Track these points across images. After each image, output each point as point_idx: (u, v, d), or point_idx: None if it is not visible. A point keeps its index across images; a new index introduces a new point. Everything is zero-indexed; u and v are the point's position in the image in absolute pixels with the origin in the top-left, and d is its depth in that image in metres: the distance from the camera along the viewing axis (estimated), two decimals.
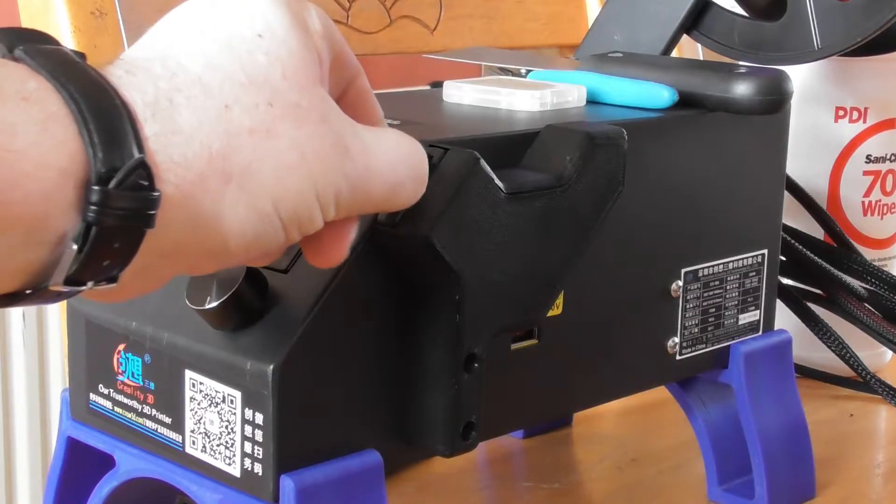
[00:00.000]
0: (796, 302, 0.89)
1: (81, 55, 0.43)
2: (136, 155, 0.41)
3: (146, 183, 0.41)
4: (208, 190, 0.43)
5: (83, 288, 0.42)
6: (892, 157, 0.93)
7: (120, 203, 0.40)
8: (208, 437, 0.53)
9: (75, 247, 0.40)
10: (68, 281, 0.41)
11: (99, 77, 0.42)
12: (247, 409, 0.51)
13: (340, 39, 0.49)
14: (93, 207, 0.40)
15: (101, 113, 0.40)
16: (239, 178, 0.43)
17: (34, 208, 0.39)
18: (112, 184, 0.40)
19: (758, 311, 0.72)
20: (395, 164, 0.48)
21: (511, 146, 0.58)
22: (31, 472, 1.68)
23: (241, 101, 0.44)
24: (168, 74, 0.43)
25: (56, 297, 0.42)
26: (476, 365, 0.54)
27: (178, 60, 0.44)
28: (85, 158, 0.40)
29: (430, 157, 0.53)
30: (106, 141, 0.40)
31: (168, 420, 0.54)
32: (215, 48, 0.44)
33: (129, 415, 0.56)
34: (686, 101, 0.67)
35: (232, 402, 0.52)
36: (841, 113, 0.92)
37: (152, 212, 0.41)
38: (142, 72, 0.43)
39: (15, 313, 1.65)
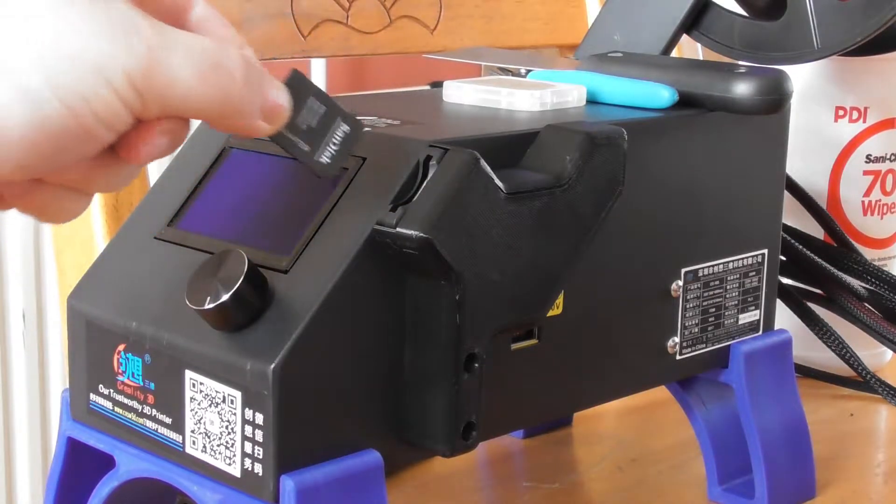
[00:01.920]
0: (796, 302, 0.89)
1: None
2: None
3: None
4: None
5: None
6: (892, 157, 0.93)
7: None
8: (208, 437, 0.53)
9: None
10: None
11: None
12: (247, 409, 0.51)
13: None
14: None
15: None
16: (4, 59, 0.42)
17: None
18: None
19: (758, 311, 0.72)
20: (197, 50, 0.45)
21: (511, 146, 0.58)
22: (32, 472, 1.68)
23: None
24: None
25: None
26: (476, 365, 0.54)
27: None
28: None
29: (430, 157, 0.53)
30: None
31: (168, 420, 0.54)
32: None
33: (129, 415, 0.56)
34: (686, 101, 0.67)
35: (232, 402, 0.52)
36: (841, 112, 0.92)
37: None
38: None
39: (15, 313, 1.65)
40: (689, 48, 1.20)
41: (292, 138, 0.50)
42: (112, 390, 0.57)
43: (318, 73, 1.84)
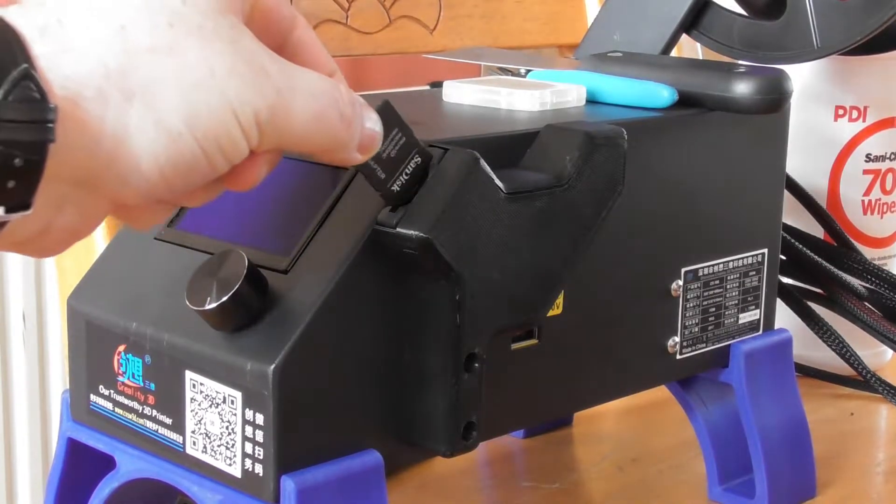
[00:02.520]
0: (796, 301, 0.89)
1: None
2: (23, 66, 0.40)
3: (38, 96, 0.40)
4: (110, 107, 0.42)
5: None
6: (892, 156, 0.93)
7: (10, 114, 0.40)
8: (209, 437, 0.53)
9: None
10: None
11: None
12: (247, 409, 0.51)
13: None
14: None
15: None
16: (143, 95, 0.43)
17: None
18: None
19: (758, 311, 0.72)
20: (317, 92, 0.47)
21: (511, 146, 0.58)
22: (32, 473, 1.68)
23: (138, 22, 0.43)
24: (56, 1, 0.43)
25: None
26: (476, 365, 0.54)
27: None
28: None
29: (430, 157, 0.53)
30: None
31: (168, 421, 0.54)
32: None
33: (129, 416, 0.56)
34: (686, 101, 0.67)
35: (232, 402, 0.52)
36: (841, 112, 0.92)
37: (50, 124, 0.41)
38: (30, 1, 0.43)
39: (15, 314, 1.65)
40: (689, 48, 1.20)
41: (373, 166, 0.51)
42: (112, 391, 0.57)
43: None
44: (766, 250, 0.71)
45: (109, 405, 0.57)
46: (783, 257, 0.87)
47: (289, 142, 0.47)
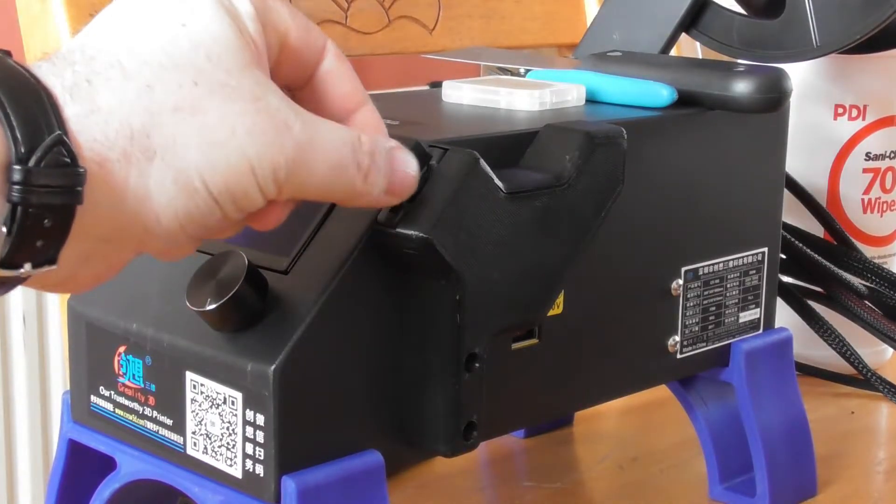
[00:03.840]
0: (797, 300, 0.89)
1: (6, 52, 0.44)
2: (56, 132, 0.42)
3: (68, 160, 0.42)
4: (132, 166, 0.44)
5: (21, 271, 0.42)
6: (892, 155, 0.93)
7: (43, 180, 0.41)
8: (209, 438, 0.53)
9: (4, 229, 0.41)
10: (5, 265, 0.42)
11: (18, 67, 0.43)
12: (248, 410, 0.51)
13: (288, 24, 0.49)
14: (15, 187, 0.41)
15: (20, 98, 0.42)
16: (163, 154, 0.44)
17: None
18: (32, 162, 0.41)
19: (758, 309, 0.72)
20: (336, 144, 0.48)
21: (510, 146, 0.58)
22: (33, 474, 1.68)
23: (164, 81, 0.44)
24: (86, 59, 0.44)
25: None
26: (477, 365, 0.54)
27: (99, 48, 0.45)
28: (6, 143, 0.41)
29: (429, 157, 0.53)
30: (25, 123, 0.41)
31: (169, 422, 0.54)
32: (137, 36, 0.45)
33: (130, 417, 0.56)
34: (685, 100, 0.67)
35: (233, 403, 0.52)
36: (840, 110, 0.92)
37: (79, 188, 0.42)
38: (61, 59, 0.44)
39: (15, 315, 1.65)
40: (689, 47, 1.20)
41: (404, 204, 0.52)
42: (113, 392, 0.57)
43: None
44: (766, 249, 0.71)
45: (110, 406, 0.57)
46: (783, 256, 0.87)
47: (307, 193, 0.48)
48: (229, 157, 0.45)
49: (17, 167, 0.41)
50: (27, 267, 0.42)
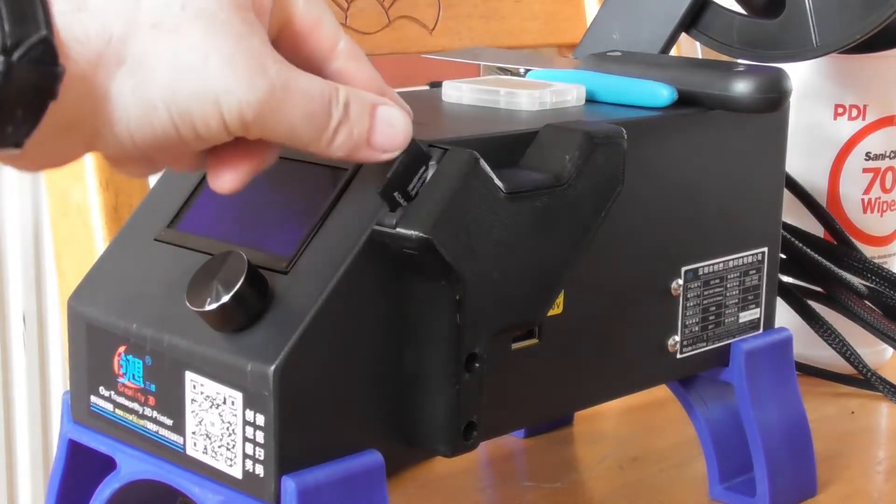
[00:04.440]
0: (797, 299, 0.89)
1: None
2: (42, 32, 0.43)
3: (50, 60, 0.43)
4: (101, 68, 0.45)
5: None
6: (892, 155, 0.93)
7: (23, 74, 0.43)
8: (209, 438, 0.53)
9: None
10: None
11: None
12: (248, 410, 0.51)
13: (294, 10, 0.50)
14: None
15: None
16: (132, 65, 0.45)
17: None
18: (15, 56, 0.43)
19: (758, 309, 0.72)
20: (312, 94, 0.48)
21: (510, 146, 0.58)
22: (33, 474, 1.68)
23: None
24: None
25: None
26: (477, 365, 0.54)
27: None
28: None
29: (429, 158, 0.53)
30: (13, 15, 0.43)
31: (169, 422, 0.54)
32: None
33: (130, 417, 0.56)
34: (685, 100, 0.67)
35: (233, 403, 0.52)
36: (840, 110, 0.92)
37: (55, 86, 0.44)
38: None
39: (15, 315, 1.65)
40: (688, 47, 1.20)
41: (400, 200, 0.52)
42: (113, 392, 0.57)
43: None
44: (766, 249, 0.71)
45: (110, 406, 0.57)
46: (783, 256, 0.87)
47: (276, 136, 0.48)
48: (196, 84, 0.46)
49: (0, 58, 0.42)
50: None
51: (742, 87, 0.66)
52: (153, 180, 0.61)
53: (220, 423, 0.52)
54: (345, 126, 0.50)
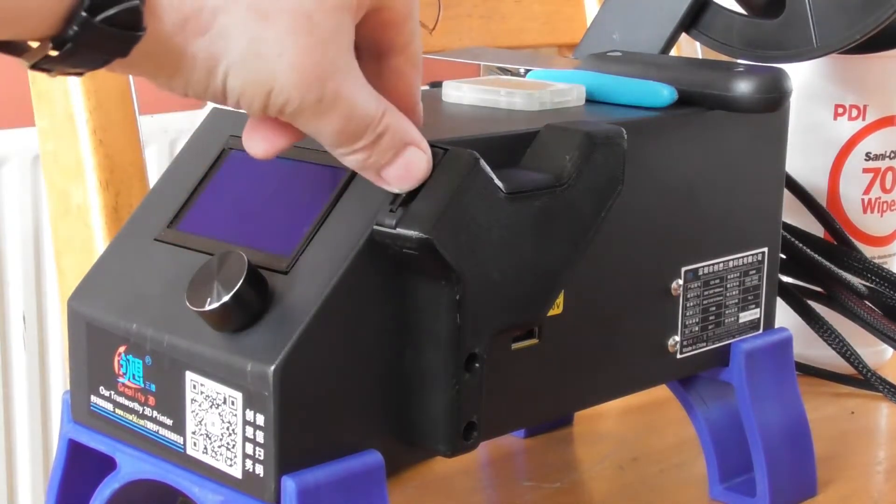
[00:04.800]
0: (797, 300, 0.89)
1: None
2: (136, 0, 0.44)
3: (133, 24, 0.44)
4: (183, 33, 0.46)
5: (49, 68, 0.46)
6: (892, 155, 0.93)
7: (99, 33, 0.44)
8: (209, 438, 0.53)
9: (52, 52, 0.44)
10: (37, 66, 0.45)
11: None
12: (248, 410, 0.51)
13: (392, 5, 0.51)
14: (74, 28, 0.43)
15: None
16: (212, 36, 0.46)
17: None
18: (99, 18, 0.44)
19: (758, 309, 0.72)
20: (357, 118, 0.50)
21: (511, 146, 0.58)
22: (33, 474, 1.68)
23: None
24: None
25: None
26: (477, 365, 0.54)
27: None
28: None
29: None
30: None
31: (169, 422, 0.54)
32: None
33: (130, 417, 0.56)
34: (685, 100, 0.67)
35: (233, 403, 0.52)
36: (840, 110, 0.92)
37: (130, 47, 0.45)
38: None
39: (15, 315, 1.65)
40: (689, 47, 1.20)
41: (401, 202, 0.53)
42: (113, 392, 0.57)
43: None
44: (766, 249, 0.71)
45: (110, 406, 0.57)
46: (783, 256, 0.87)
47: (302, 128, 0.50)
48: (260, 72, 0.47)
49: (83, 15, 0.43)
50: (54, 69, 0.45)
51: (742, 87, 0.66)
52: (153, 180, 0.61)
53: (220, 423, 0.52)
54: (367, 151, 0.51)
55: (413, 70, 0.53)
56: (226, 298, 0.51)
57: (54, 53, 0.44)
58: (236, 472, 0.52)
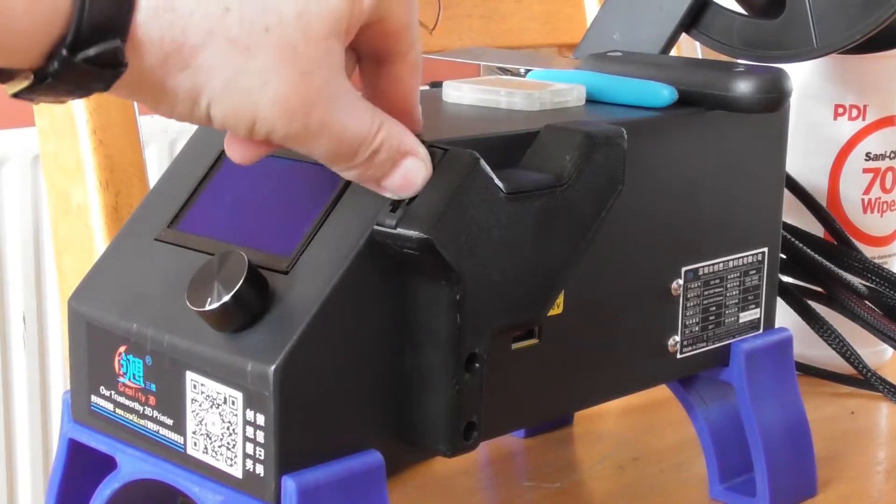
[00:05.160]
0: (797, 300, 0.89)
1: None
2: (116, 42, 0.44)
3: (114, 63, 0.44)
4: (163, 68, 0.45)
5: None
6: (892, 155, 0.93)
7: (79, 70, 0.44)
8: (210, 438, 0.53)
9: (27, 83, 0.44)
10: (16, 94, 0.45)
11: None
12: (248, 410, 0.51)
13: (393, 19, 0.50)
14: (54, 64, 0.43)
15: None
16: (195, 71, 0.46)
17: (18, 27, 0.42)
18: (80, 57, 0.43)
19: (758, 309, 0.72)
20: (348, 138, 0.49)
21: (511, 146, 0.58)
22: (33, 474, 1.68)
23: (243, 12, 0.46)
24: None
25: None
26: (477, 365, 0.54)
27: None
28: (69, 20, 0.43)
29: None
30: (94, 12, 0.43)
31: (169, 422, 0.54)
32: None
33: (130, 416, 0.56)
34: (685, 100, 0.67)
35: (233, 403, 0.52)
36: (840, 110, 0.92)
37: (110, 83, 0.45)
38: None
39: (15, 315, 1.65)
40: (689, 47, 1.20)
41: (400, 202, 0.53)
42: (113, 392, 0.57)
43: None
44: (766, 249, 0.71)
45: (110, 406, 0.57)
46: (783, 256, 0.87)
47: (296, 150, 0.50)
48: (242, 104, 0.47)
49: (64, 53, 0.43)
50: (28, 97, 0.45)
51: (742, 87, 0.66)
52: (153, 180, 0.61)
53: (220, 423, 0.52)
54: (363, 167, 0.51)
55: (412, 77, 0.53)
56: (226, 298, 0.51)
57: (35, 85, 0.44)
58: (236, 472, 0.52)
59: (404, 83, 0.53)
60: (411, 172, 0.52)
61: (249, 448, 0.52)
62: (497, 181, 0.53)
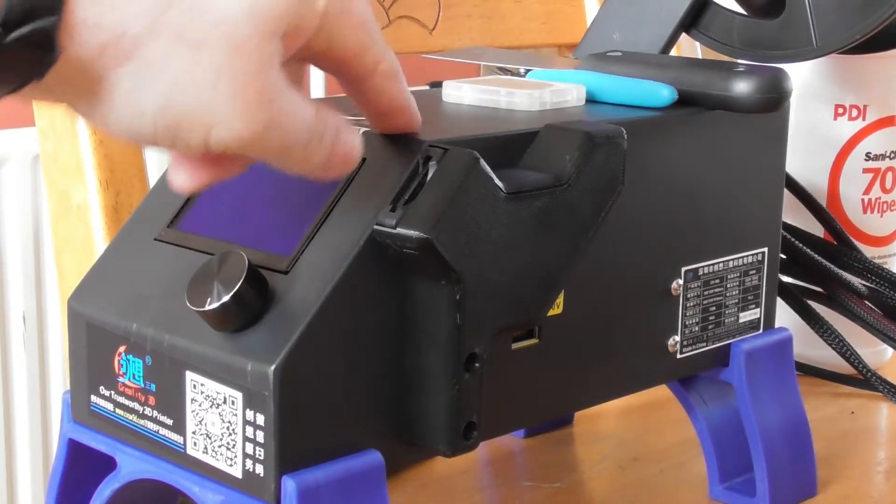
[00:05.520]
0: (797, 300, 0.89)
1: None
2: (50, 18, 0.41)
3: (47, 45, 0.42)
4: (103, 59, 0.43)
5: None
6: (892, 155, 0.93)
7: (12, 53, 0.41)
8: (209, 438, 0.53)
9: None
10: None
11: None
12: (248, 410, 0.51)
13: (343, 46, 0.49)
14: None
15: None
16: (138, 66, 0.43)
17: None
18: (10, 38, 0.41)
19: (758, 309, 0.72)
20: (298, 130, 0.47)
21: (511, 146, 0.58)
22: (33, 474, 1.68)
23: (190, 5, 0.43)
24: None
25: None
26: (477, 365, 0.54)
27: None
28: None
29: (430, 158, 0.53)
30: None
31: (169, 422, 0.54)
32: None
33: (130, 416, 0.56)
34: (685, 100, 0.67)
35: (233, 403, 0.52)
36: (840, 110, 0.92)
37: (44, 70, 0.42)
38: None
39: (15, 315, 1.65)
40: (689, 47, 1.20)
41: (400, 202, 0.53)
42: (113, 392, 0.57)
43: (317, 73, 1.84)
44: (766, 249, 0.71)
45: (110, 406, 0.57)
46: (783, 256, 0.87)
47: (251, 156, 0.48)
48: (195, 104, 0.44)
49: None
50: None
51: (742, 87, 0.66)
52: (153, 180, 0.61)
53: (220, 423, 0.52)
54: (314, 155, 0.49)
55: (391, 82, 0.52)
56: (226, 298, 0.51)
57: None
58: (236, 472, 0.52)
59: (387, 90, 0.52)
60: (349, 145, 0.51)
61: (249, 448, 0.52)
62: (497, 181, 0.53)
